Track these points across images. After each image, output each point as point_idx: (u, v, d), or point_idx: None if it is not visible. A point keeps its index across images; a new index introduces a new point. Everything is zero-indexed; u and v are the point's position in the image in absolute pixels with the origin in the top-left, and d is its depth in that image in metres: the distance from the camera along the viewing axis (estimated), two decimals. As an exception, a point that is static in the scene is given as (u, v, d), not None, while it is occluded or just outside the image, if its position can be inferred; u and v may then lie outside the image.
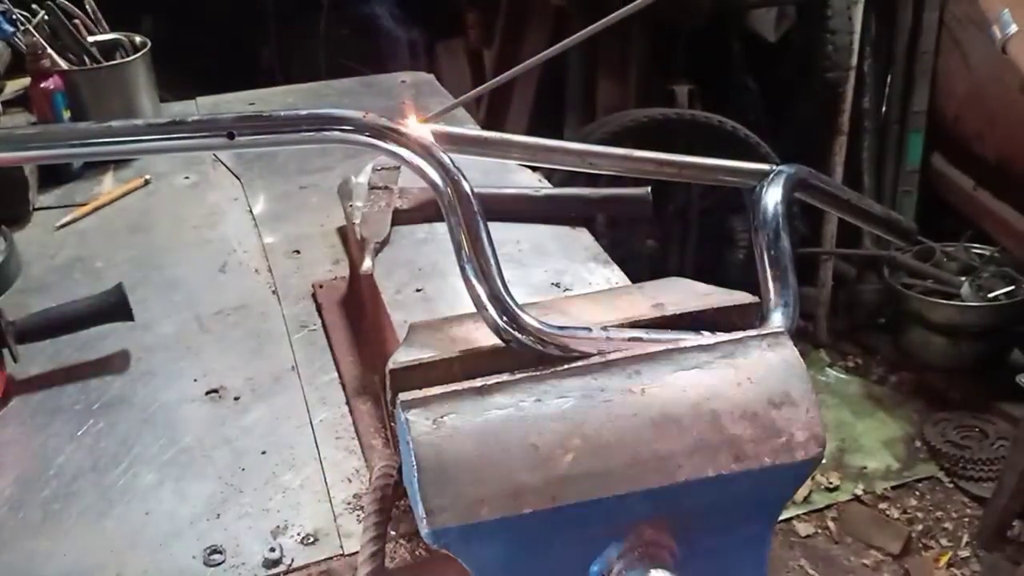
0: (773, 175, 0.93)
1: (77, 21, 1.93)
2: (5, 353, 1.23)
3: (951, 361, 3.19)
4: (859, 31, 3.13)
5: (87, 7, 1.98)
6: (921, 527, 2.71)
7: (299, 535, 1.01)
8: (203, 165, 1.87)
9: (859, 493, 2.83)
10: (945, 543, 2.66)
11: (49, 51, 1.82)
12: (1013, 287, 3.10)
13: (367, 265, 1.12)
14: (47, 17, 1.87)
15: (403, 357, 0.77)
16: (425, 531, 0.71)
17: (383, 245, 1.17)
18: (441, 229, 1.11)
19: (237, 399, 1.22)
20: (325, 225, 1.62)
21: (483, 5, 3.73)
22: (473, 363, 0.78)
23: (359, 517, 1.02)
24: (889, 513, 2.76)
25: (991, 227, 3.26)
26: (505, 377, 0.75)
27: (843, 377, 3.30)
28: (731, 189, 1.07)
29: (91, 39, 1.95)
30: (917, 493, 2.83)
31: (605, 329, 0.79)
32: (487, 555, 0.74)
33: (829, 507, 2.78)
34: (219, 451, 1.13)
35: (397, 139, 0.79)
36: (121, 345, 1.32)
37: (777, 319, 0.83)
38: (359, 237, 1.18)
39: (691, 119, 2.91)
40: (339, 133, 0.78)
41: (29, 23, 1.84)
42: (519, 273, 1.13)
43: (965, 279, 3.14)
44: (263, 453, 1.13)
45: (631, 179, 1.21)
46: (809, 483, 2.77)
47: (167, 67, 2.10)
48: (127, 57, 1.92)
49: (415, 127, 0.81)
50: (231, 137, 0.78)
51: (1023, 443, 2.50)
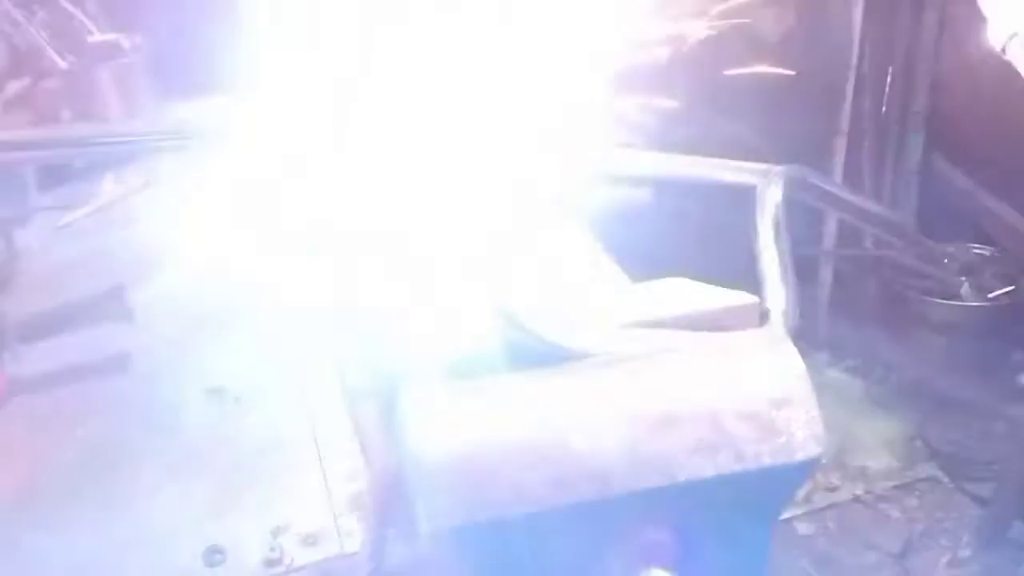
0: (773, 175, 0.93)
1: (76, 21, 1.93)
2: (5, 354, 1.24)
3: (951, 361, 3.18)
4: (859, 31, 3.12)
5: (86, 7, 1.98)
6: (921, 527, 2.70)
7: (299, 535, 1.01)
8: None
9: (859, 493, 2.82)
10: (945, 543, 2.65)
11: (49, 51, 1.82)
12: (1013, 287, 3.10)
13: None
14: (47, 17, 1.87)
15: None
16: (425, 530, 0.71)
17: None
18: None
19: (237, 399, 1.22)
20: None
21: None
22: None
23: (359, 517, 1.02)
24: (889, 513, 2.76)
25: (991, 227, 3.25)
26: (505, 377, 0.75)
27: (843, 377, 3.29)
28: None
29: (91, 39, 1.95)
30: (917, 493, 2.83)
31: (606, 329, 0.79)
32: (486, 555, 0.74)
33: (829, 507, 2.77)
34: (219, 451, 1.13)
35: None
36: (121, 345, 1.32)
37: (777, 319, 0.83)
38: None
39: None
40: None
41: (29, 23, 1.84)
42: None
43: (965, 279, 3.14)
44: (263, 453, 1.13)
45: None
46: (809, 483, 2.77)
47: (168, 67, 2.10)
48: (126, 57, 1.92)
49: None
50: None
51: (1023, 443, 2.49)
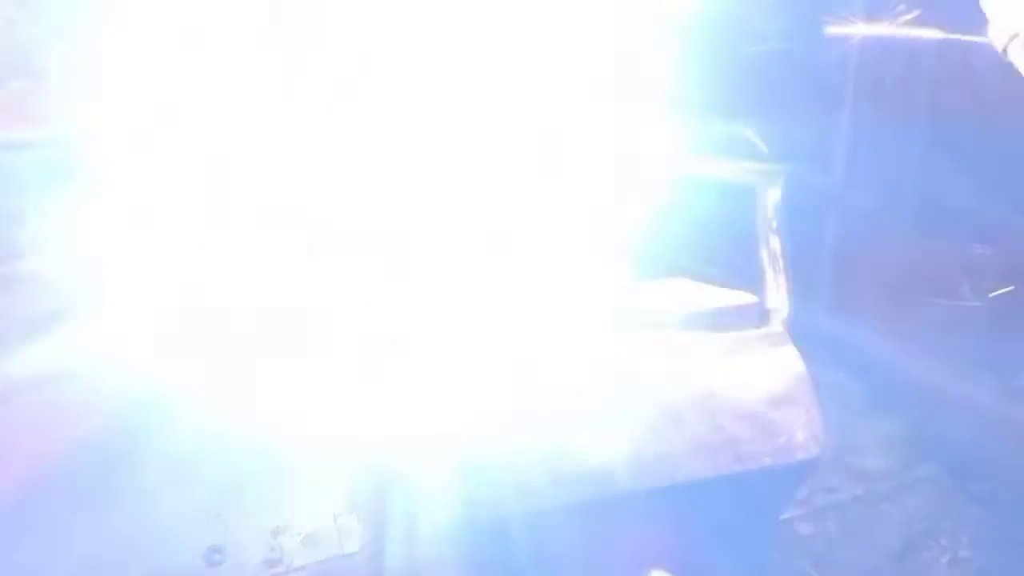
0: (773, 175, 0.93)
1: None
2: (5, 354, 1.23)
3: (951, 361, 3.18)
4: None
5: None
6: (921, 527, 2.70)
7: (299, 535, 1.01)
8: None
9: (859, 493, 2.82)
10: (945, 543, 2.65)
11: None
12: (1013, 287, 3.09)
13: None
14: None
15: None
16: (425, 530, 0.71)
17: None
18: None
19: (237, 399, 1.22)
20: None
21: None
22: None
23: (359, 517, 1.02)
24: (889, 513, 2.76)
25: (991, 227, 3.25)
26: (505, 377, 0.75)
27: (843, 377, 3.29)
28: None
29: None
30: (917, 493, 2.83)
31: (605, 329, 0.79)
32: (488, 554, 0.74)
33: (829, 507, 2.77)
34: (220, 451, 1.13)
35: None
36: (121, 345, 1.32)
37: (777, 319, 0.83)
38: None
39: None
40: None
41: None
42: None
43: (965, 279, 3.14)
44: (263, 453, 1.13)
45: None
46: (809, 483, 2.77)
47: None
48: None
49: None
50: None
51: (1023, 443, 2.49)
